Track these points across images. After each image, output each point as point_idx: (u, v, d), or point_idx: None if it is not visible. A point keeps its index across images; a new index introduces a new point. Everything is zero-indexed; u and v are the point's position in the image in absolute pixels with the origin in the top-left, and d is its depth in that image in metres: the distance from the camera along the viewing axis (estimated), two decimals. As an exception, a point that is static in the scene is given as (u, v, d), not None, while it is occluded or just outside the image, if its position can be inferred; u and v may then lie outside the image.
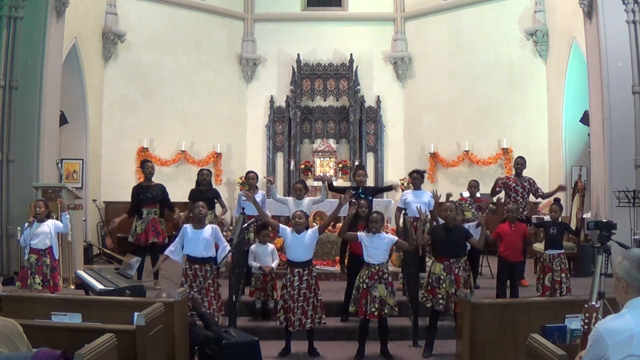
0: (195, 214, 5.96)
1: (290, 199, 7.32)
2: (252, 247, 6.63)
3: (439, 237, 5.79)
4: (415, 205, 7.22)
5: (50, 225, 6.38)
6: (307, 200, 7.23)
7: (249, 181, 7.57)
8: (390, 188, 8.14)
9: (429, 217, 6.85)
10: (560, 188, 7.98)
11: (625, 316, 2.39)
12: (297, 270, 5.47)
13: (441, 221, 6.08)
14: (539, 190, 7.93)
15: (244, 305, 6.53)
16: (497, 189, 7.94)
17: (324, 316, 5.57)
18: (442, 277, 5.59)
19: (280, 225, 5.73)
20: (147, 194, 7.52)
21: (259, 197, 7.32)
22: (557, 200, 7.10)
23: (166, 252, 5.98)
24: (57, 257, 6.54)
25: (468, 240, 5.82)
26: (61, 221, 6.48)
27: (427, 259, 7.44)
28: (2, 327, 3.15)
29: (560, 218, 6.70)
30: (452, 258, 5.64)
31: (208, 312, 5.37)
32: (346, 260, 6.79)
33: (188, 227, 5.86)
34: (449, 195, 7.85)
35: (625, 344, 2.31)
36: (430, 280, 5.71)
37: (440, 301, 5.56)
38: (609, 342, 2.32)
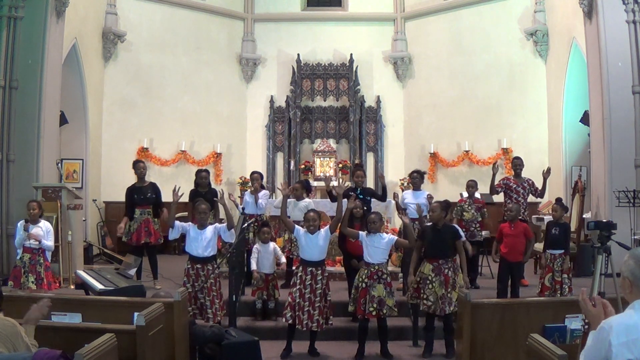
0: (197, 217, 5.93)
1: (290, 200, 7.33)
2: (256, 246, 6.61)
3: (428, 237, 5.78)
4: (413, 207, 7.22)
5: (42, 226, 6.50)
6: (306, 201, 7.25)
7: (254, 182, 7.55)
8: (385, 195, 7.55)
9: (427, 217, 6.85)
10: (546, 173, 7.82)
11: (633, 317, 2.35)
12: (310, 269, 5.48)
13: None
14: (538, 190, 7.95)
15: (244, 305, 6.52)
16: (498, 189, 7.92)
17: (331, 317, 5.60)
18: (430, 278, 5.58)
19: (296, 226, 5.74)
20: (141, 195, 7.52)
21: (262, 196, 7.36)
22: (559, 200, 7.08)
23: (175, 222, 5.86)
24: (48, 259, 6.61)
25: (456, 241, 5.78)
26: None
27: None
28: (1, 328, 3.15)
29: (562, 218, 6.67)
30: (441, 259, 5.63)
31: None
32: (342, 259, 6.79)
33: (191, 227, 5.87)
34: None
35: (630, 345, 2.28)
36: (418, 280, 5.70)
37: (425, 302, 5.54)
38: (614, 342, 2.29)
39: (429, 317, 5.67)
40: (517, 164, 7.97)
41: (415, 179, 7.50)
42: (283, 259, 6.71)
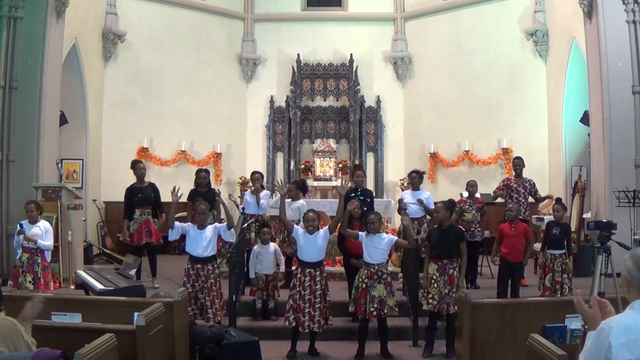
0: (197, 217, 5.92)
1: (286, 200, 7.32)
2: (255, 248, 6.61)
3: (434, 238, 5.79)
4: (413, 207, 7.23)
5: (41, 226, 6.51)
6: (300, 202, 7.24)
7: (255, 182, 7.54)
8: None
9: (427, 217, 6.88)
10: (549, 197, 7.99)
11: (633, 317, 2.34)
12: (308, 270, 5.47)
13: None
14: (537, 193, 7.97)
15: (244, 305, 6.52)
16: (499, 192, 7.92)
17: (331, 317, 5.60)
18: (435, 278, 5.59)
19: (295, 226, 5.73)
20: (140, 196, 7.50)
21: (263, 196, 7.37)
22: (559, 200, 7.07)
23: (174, 223, 5.84)
24: (47, 260, 6.61)
25: (460, 242, 5.79)
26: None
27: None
28: (1, 327, 3.15)
29: (563, 218, 6.66)
30: (446, 259, 5.65)
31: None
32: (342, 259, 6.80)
33: (191, 227, 5.87)
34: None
35: (630, 346, 2.27)
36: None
37: (430, 301, 5.56)
38: (614, 342, 2.28)
39: (432, 317, 5.67)
40: (517, 164, 7.98)
41: (414, 179, 7.49)
42: (282, 267, 6.63)
